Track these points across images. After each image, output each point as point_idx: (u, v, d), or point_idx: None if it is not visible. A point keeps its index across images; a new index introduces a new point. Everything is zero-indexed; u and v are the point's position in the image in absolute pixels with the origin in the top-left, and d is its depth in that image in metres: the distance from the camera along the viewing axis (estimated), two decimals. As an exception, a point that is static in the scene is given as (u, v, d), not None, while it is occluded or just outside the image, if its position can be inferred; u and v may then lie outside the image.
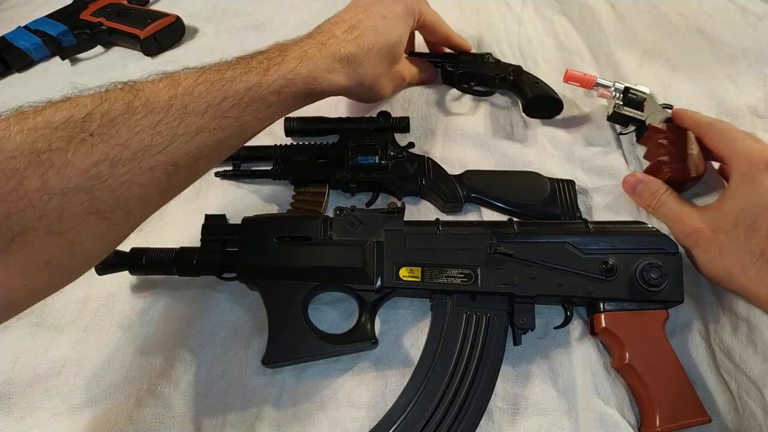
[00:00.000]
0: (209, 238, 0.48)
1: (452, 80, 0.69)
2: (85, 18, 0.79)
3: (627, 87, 0.62)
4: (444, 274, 0.46)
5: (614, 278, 0.45)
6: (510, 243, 0.46)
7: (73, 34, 0.78)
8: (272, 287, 0.46)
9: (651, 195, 0.51)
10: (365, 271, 0.46)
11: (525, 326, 0.45)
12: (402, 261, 0.46)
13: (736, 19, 0.79)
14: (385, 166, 0.58)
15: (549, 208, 0.55)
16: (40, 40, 0.76)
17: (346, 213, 0.49)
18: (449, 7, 0.89)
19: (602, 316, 0.45)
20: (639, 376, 0.43)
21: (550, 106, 0.65)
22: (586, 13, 0.84)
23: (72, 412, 0.44)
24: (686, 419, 0.42)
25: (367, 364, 0.47)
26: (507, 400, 0.45)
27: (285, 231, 0.48)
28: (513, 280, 0.45)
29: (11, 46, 0.75)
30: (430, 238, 0.47)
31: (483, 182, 0.57)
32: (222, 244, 0.48)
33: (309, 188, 0.58)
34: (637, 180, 0.53)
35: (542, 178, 0.58)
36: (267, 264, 0.46)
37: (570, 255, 0.46)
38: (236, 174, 0.60)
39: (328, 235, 0.48)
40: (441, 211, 0.58)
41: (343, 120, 0.62)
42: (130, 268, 0.48)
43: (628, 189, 0.54)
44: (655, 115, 0.60)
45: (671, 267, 0.45)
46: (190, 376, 0.46)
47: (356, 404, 0.45)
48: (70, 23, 0.78)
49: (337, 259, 0.46)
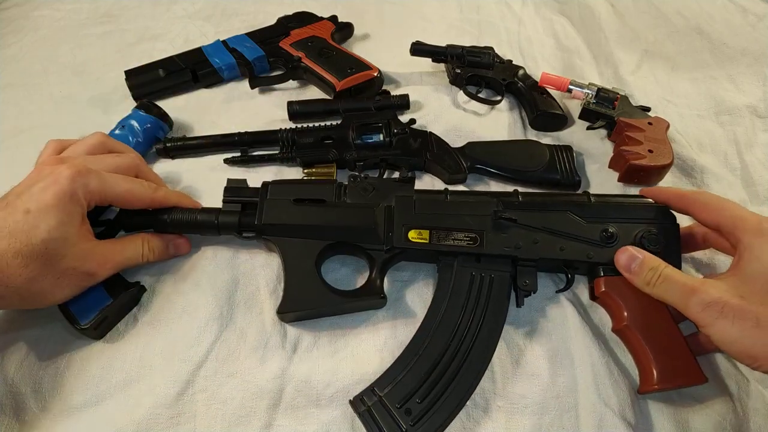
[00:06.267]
0: (230, 199, 0.50)
1: (461, 83, 0.70)
2: (285, 47, 0.73)
3: (600, 88, 0.65)
4: (451, 237, 0.48)
5: (614, 245, 0.47)
6: (514, 210, 0.48)
7: (268, 61, 0.73)
8: (289, 244, 0.49)
9: (650, 271, 0.43)
10: (376, 232, 0.48)
11: (527, 288, 0.47)
12: (411, 224, 0.48)
13: (736, 19, 0.79)
14: (390, 143, 0.60)
15: (549, 174, 0.59)
16: (235, 62, 0.72)
17: (359, 179, 0.51)
18: (449, 7, 0.89)
19: (602, 280, 0.47)
20: (637, 337, 0.44)
21: (557, 122, 0.67)
22: (586, 13, 0.84)
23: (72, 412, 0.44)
24: (682, 378, 0.43)
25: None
26: (507, 399, 0.45)
27: (301, 194, 0.50)
28: (517, 244, 0.47)
29: (205, 62, 0.72)
30: (439, 203, 0.50)
31: (485, 152, 0.60)
32: (242, 206, 0.50)
33: (318, 168, 0.60)
34: (631, 257, 0.45)
35: (541, 146, 0.61)
36: (284, 222, 0.48)
37: (572, 222, 0.48)
38: (245, 159, 0.61)
39: (342, 199, 0.50)
40: (446, 183, 0.60)
41: (345, 101, 0.64)
42: (156, 227, 0.50)
43: (622, 268, 0.45)
44: (627, 114, 0.63)
45: (669, 236, 0.47)
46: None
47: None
48: (268, 49, 0.73)
49: (350, 219, 0.49)
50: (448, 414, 0.41)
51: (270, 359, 0.46)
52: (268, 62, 0.74)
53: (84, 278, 0.44)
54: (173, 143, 0.61)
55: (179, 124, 0.66)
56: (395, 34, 0.82)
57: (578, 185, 0.59)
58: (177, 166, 0.62)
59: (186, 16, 0.88)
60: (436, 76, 0.74)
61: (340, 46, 0.74)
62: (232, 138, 0.62)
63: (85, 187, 0.43)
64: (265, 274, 0.51)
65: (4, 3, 0.93)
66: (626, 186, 0.60)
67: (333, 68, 0.69)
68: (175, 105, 0.69)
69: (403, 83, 0.73)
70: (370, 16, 0.87)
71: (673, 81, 0.73)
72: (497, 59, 0.71)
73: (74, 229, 0.42)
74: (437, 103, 0.69)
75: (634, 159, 0.58)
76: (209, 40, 0.76)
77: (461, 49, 0.70)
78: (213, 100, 0.71)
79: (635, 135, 0.60)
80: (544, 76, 0.67)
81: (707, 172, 0.62)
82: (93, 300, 0.45)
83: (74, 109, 0.71)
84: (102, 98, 0.72)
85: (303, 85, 0.73)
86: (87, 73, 0.77)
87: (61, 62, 0.79)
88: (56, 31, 0.86)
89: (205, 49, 0.73)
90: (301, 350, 0.47)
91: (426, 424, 0.41)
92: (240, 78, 0.74)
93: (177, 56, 0.73)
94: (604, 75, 0.75)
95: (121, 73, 0.70)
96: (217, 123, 0.67)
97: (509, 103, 0.70)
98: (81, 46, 0.82)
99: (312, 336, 0.48)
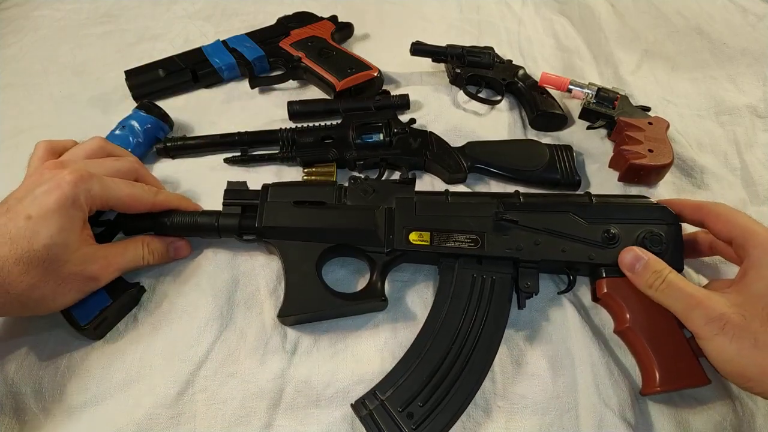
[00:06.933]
0: (230, 202, 0.50)
1: (461, 83, 0.70)
2: (285, 47, 0.73)
3: (600, 87, 0.65)
4: (452, 239, 0.48)
5: (616, 246, 0.47)
6: (515, 211, 0.48)
7: (268, 61, 0.73)
8: (289, 247, 0.48)
9: (654, 274, 0.43)
10: (377, 234, 0.48)
11: (529, 290, 0.47)
12: (412, 226, 0.48)
13: (736, 19, 0.79)
14: (390, 142, 0.60)
15: (549, 174, 0.59)
16: (235, 62, 0.72)
17: (359, 181, 0.51)
18: (449, 7, 0.89)
19: (604, 282, 0.47)
20: (639, 338, 0.44)
21: (557, 122, 0.67)
22: (586, 13, 0.84)
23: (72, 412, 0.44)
24: (685, 380, 0.43)
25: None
26: (507, 400, 0.45)
27: (301, 196, 0.50)
28: (518, 246, 0.47)
29: (205, 62, 0.71)
30: (439, 205, 0.50)
31: (485, 152, 0.60)
32: (242, 209, 0.50)
33: (318, 168, 0.60)
34: (636, 257, 0.45)
35: (541, 145, 0.61)
36: (284, 225, 0.48)
37: (573, 223, 0.48)
38: (245, 159, 0.61)
39: (342, 201, 0.50)
40: (446, 183, 0.60)
41: (345, 101, 0.65)
42: (156, 230, 0.50)
43: (625, 268, 0.45)
44: (627, 113, 0.63)
45: (671, 236, 0.47)
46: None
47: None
48: (268, 49, 0.73)
49: (350, 221, 0.49)
50: (451, 417, 0.41)
51: (270, 359, 0.46)
52: (268, 62, 0.73)
53: (86, 283, 0.44)
54: (173, 143, 0.61)
55: (179, 124, 0.66)
56: (395, 34, 0.82)
57: (578, 185, 0.59)
58: (177, 165, 0.62)
59: (186, 16, 0.88)
60: (436, 76, 0.74)
61: (340, 46, 0.74)
62: (232, 138, 0.62)
63: (87, 192, 0.42)
64: (265, 274, 0.51)
65: (4, 3, 0.93)
66: (626, 186, 0.60)
67: (333, 68, 0.69)
68: (175, 105, 0.69)
69: (403, 83, 0.73)
70: (370, 16, 0.87)
71: (673, 81, 0.73)
72: (497, 59, 0.71)
73: (76, 235, 0.42)
74: (437, 103, 0.69)
75: (634, 158, 0.58)
76: (209, 40, 0.76)
77: (461, 49, 0.70)
78: (213, 100, 0.71)
79: (635, 134, 0.60)
80: (544, 76, 0.67)
81: (707, 172, 0.62)
82: (93, 301, 0.45)
83: (74, 109, 0.71)
84: (102, 98, 0.72)
85: (303, 85, 0.73)
86: (87, 73, 0.77)
87: (61, 62, 0.79)
88: (56, 31, 0.86)
89: (205, 49, 0.73)
90: (301, 350, 0.47)
91: (428, 427, 0.40)
92: (240, 78, 0.74)
93: (177, 56, 0.73)
94: (604, 75, 0.75)
95: (121, 73, 0.70)
96: (217, 123, 0.67)
97: (509, 103, 0.70)
98: (81, 46, 0.82)
99: (312, 336, 0.48)
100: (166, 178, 0.59)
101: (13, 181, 0.44)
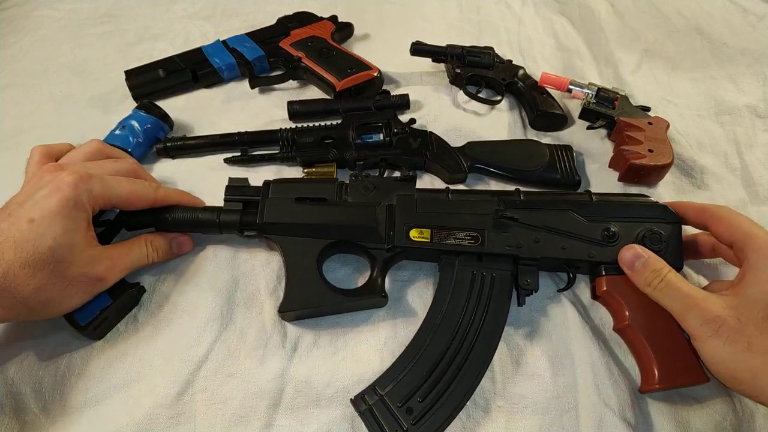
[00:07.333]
0: (232, 198, 0.50)
1: (461, 83, 0.70)
2: (285, 47, 0.73)
3: (600, 87, 0.65)
4: (452, 236, 0.48)
5: (616, 244, 0.47)
6: (516, 209, 0.49)
7: (268, 61, 0.73)
8: (290, 243, 0.49)
9: (653, 273, 0.43)
10: (377, 230, 0.48)
11: (529, 287, 0.47)
12: (412, 223, 0.49)
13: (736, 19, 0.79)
14: (390, 142, 0.60)
15: (549, 174, 0.59)
16: (235, 62, 0.72)
17: (360, 178, 0.51)
18: (449, 7, 0.89)
19: (603, 279, 0.47)
20: (638, 336, 0.44)
21: (557, 122, 0.67)
22: (586, 13, 0.84)
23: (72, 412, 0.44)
24: (684, 378, 0.43)
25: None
26: (507, 399, 0.45)
27: (303, 192, 0.50)
28: (518, 243, 0.47)
29: (205, 62, 0.71)
30: (440, 202, 0.50)
31: (485, 152, 0.61)
32: (244, 205, 0.50)
33: (318, 168, 0.60)
34: (636, 255, 0.45)
35: (541, 145, 0.61)
36: (285, 221, 0.48)
37: (573, 221, 0.48)
38: (245, 159, 0.61)
39: (343, 198, 0.50)
40: (447, 183, 0.60)
41: (345, 101, 0.65)
42: (158, 226, 0.50)
43: (625, 265, 0.46)
44: (627, 113, 0.63)
45: (671, 235, 0.47)
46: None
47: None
48: (268, 49, 0.73)
49: (351, 218, 0.49)
50: (450, 413, 0.41)
51: (270, 359, 0.46)
52: (268, 62, 0.73)
53: (93, 284, 0.43)
54: (173, 143, 0.61)
55: (179, 124, 0.66)
56: (395, 34, 0.82)
57: (578, 185, 0.59)
58: (177, 165, 0.62)
59: (186, 16, 0.88)
60: (436, 76, 0.74)
61: (340, 46, 0.74)
62: (232, 138, 0.62)
63: (88, 193, 0.42)
64: (265, 274, 0.51)
65: (4, 3, 0.93)
66: (626, 185, 0.60)
67: (333, 68, 0.69)
68: (175, 105, 0.69)
69: (403, 83, 0.73)
70: (370, 16, 0.87)
71: (673, 81, 0.73)
72: (497, 59, 0.71)
73: (80, 236, 0.42)
74: (437, 103, 0.69)
75: (634, 158, 0.58)
76: (209, 40, 0.76)
77: (461, 49, 0.70)
78: (213, 100, 0.71)
79: (635, 134, 0.60)
80: (544, 76, 0.67)
81: (707, 172, 0.62)
82: (93, 301, 0.45)
83: (74, 109, 0.71)
84: (102, 98, 0.72)
85: (303, 85, 0.73)
86: (87, 73, 0.77)
87: (61, 62, 0.79)
88: (56, 31, 0.86)
89: (205, 49, 0.73)
90: (301, 350, 0.47)
91: (427, 423, 0.41)
92: (240, 78, 0.74)
93: (177, 56, 0.72)
94: (604, 75, 0.75)
95: (121, 73, 0.70)
96: (217, 123, 0.67)
97: (509, 103, 0.70)
98: (81, 46, 0.82)
99: (312, 336, 0.48)
100: (166, 178, 0.59)
101: (13, 181, 0.44)
